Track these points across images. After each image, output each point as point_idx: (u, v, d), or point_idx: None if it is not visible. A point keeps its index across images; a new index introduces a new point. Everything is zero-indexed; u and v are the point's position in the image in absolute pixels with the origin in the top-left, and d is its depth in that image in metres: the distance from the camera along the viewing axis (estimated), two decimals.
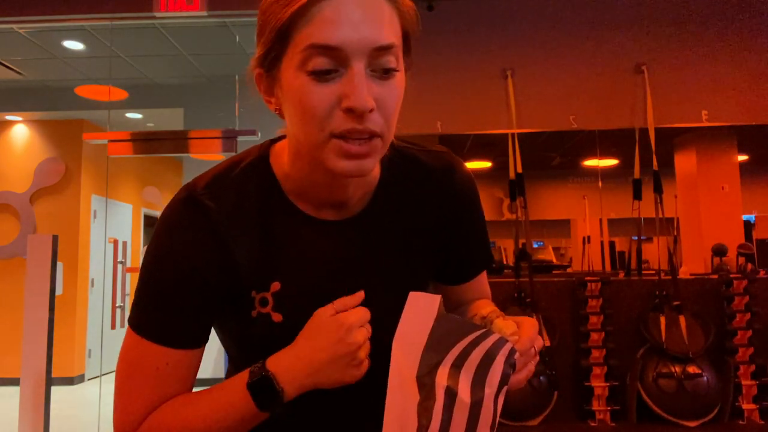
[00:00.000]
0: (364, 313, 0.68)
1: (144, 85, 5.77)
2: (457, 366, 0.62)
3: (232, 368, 0.86)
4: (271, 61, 0.65)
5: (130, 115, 6.28)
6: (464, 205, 0.81)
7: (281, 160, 0.75)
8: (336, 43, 0.59)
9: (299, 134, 0.65)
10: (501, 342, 0.63)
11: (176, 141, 4.40)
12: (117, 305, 7.01)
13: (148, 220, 7.66)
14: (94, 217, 6.54)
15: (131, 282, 7.39)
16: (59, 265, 3.39)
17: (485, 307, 0.78)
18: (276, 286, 0.72)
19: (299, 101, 0.62)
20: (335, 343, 0.66)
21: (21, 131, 6.45)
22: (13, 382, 4.94)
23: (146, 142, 4.36)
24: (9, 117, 6.34)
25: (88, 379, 6.35)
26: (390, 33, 0.62)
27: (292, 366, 0.66)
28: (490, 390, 0.61)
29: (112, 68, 5.04)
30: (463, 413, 0.60)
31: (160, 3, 3.81)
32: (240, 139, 4.14)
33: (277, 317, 0.72)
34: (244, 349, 0.77)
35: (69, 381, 6.08)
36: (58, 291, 3.35)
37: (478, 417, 0.60)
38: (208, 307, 0.71)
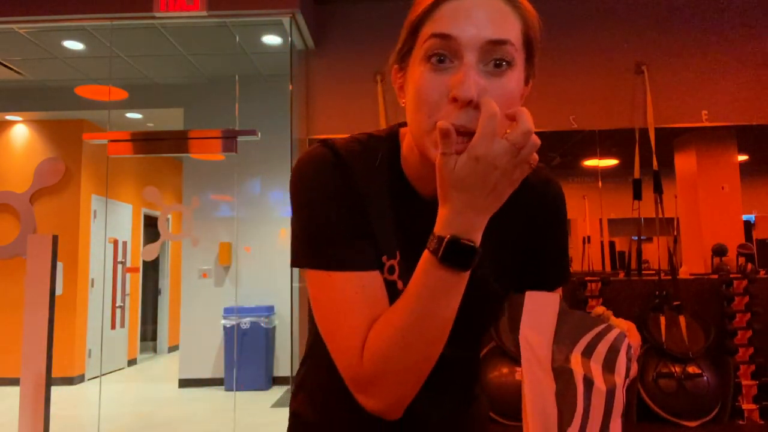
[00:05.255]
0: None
1: (144, 85, 5.77)
2: (587, 356, 0.65)
3: (313, 364, 0.88)
4: (403, 55, 0.72)
5: (130, 115, 6.29)
6: (554, 216, 0.86)
7: (404, 143, 0.80)
8: (451, 33, 0.65)
9: (411, 124, 0.70)
10: (621, 336, 0.66)
11: (176, 141, 4.40)
12: (117, 305, 7.01)
13: (148, 220, 7.65)
14: (94, 217, 6.54)
15: (131, 282, 7.39)
16: (59, 265, 3.39)
17: (594, 309, 0.81)
18: (398, 254, 0.76)
19: (416, 89, 0.67)
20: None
21: (21, 131, 6.46)
22: (13, 382, 4.94)
23: (146, 142, 4.36)
24: (9, 117, 6.35)
25: (88, 379, 6.35)
26: (506, 31, 0.66)
27: (463, 215, 0.63)
28: (620, 379, 0.64)
29: (112, 68, 5.04)
30: (600, 400, 0.63)
31: (160, 3, 3.82)
32: (240, 139, 4.13)
33: (400, 285, 0.75)
34: None
35: (69, 381, 6.08)
36: (58, 291, 3.35)
37: (612, 405, 0.63)
38: (364, 238, 0.74)
